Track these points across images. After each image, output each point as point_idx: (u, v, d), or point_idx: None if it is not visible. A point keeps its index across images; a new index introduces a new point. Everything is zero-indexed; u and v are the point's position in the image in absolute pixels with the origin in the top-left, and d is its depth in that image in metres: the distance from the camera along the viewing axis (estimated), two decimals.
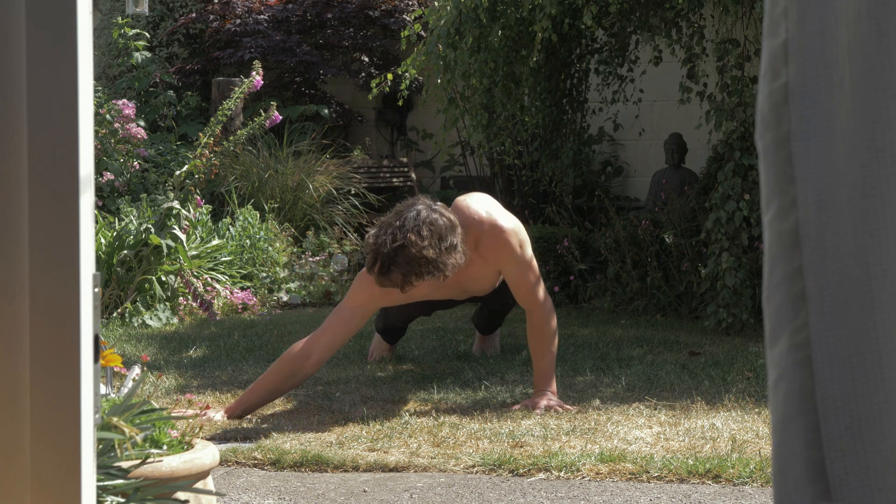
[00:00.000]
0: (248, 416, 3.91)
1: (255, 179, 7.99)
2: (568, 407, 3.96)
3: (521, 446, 3.46)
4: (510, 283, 4.10)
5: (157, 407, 2.41)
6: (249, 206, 7.38)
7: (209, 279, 6.53)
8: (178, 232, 6.21)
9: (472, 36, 6.39)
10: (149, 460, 2.20)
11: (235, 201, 7.72)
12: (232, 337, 5.52)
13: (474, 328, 5.14)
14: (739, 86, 5.71)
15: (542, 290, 4.10)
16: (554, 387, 4.05)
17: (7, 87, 1.20)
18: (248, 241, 7.09)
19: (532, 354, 4.11)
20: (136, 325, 5.94)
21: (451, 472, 3.25)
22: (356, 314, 4.00)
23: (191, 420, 2.45)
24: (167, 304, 6.16)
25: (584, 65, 7.39)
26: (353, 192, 8.42)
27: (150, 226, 6.25)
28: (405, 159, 9.65)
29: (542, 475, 3.20)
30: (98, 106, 7.95)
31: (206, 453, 2.37)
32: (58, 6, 1.19)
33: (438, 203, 3.91)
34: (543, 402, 3.95)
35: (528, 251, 4.10)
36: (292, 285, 7.06)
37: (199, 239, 6.82)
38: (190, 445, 2.39)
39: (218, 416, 3.88)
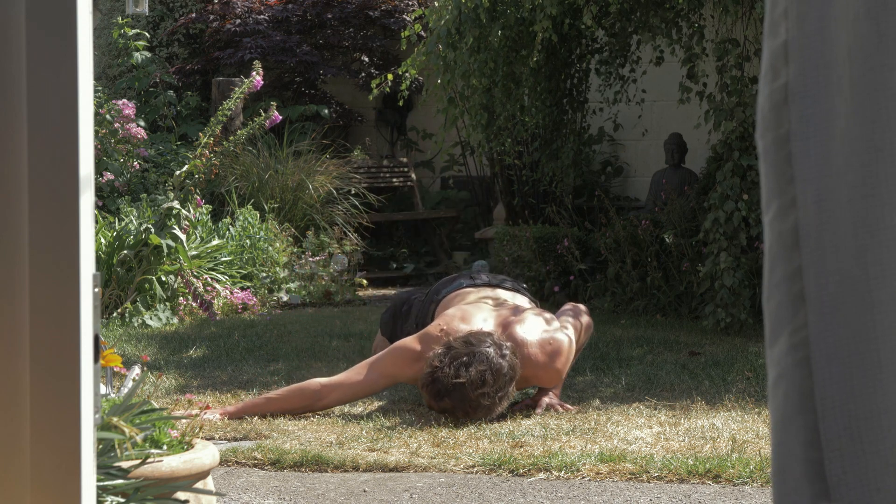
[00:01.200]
0: (248, 417, 3.91)
1: (255, 179, 7.99)
2: (569, 407, 3.96)
3: (521, 446, 3.46)
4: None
5: (157, 407, 2.41)
6: (249, 206, 7.39)
7: (209, 279, 6.53)
8: (178, 232, 6.21)
9: (472, 36, 6.39)
10: (149, 460, 2.21)
11: (235, 201, 7.73)
12: (232, 337, 5.52)
13: None
14: (739, 86, 5.71)
15: (572, 331, 4.09)
16: (558, 389, 4.06)
17: (7, 87, 1.20)
18: (248, 241, 7.09)
19: None
20: (136, 325, 5.94)
21: (451, 472, 3.25)
22: (382, 381, 4.01)
23: (190, 420, 2.45)
24: (167, 304, 6.16)
25: (584, 65, 7.40)
26: (353, 192, 8.42)
27: (150, 226, 6.25)
28: (405, 159, 9.65)
29: (542, 475, 3.20)
30: (98, 106, 7.95)
31: (206, 453, 2.37)
32: (58, 6, 1.19)
33: (507, 344, 3.86)
34: (545, 400, 3.95)
35: (566, 369, 4.05)
36: (292, 285, 7.06)
37: (199, 239, 6.82)
38: (190, 445, 2.39)
39: (214, 416, 3.87)
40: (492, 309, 4.12)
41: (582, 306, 4.37)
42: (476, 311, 4.07)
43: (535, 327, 4.01)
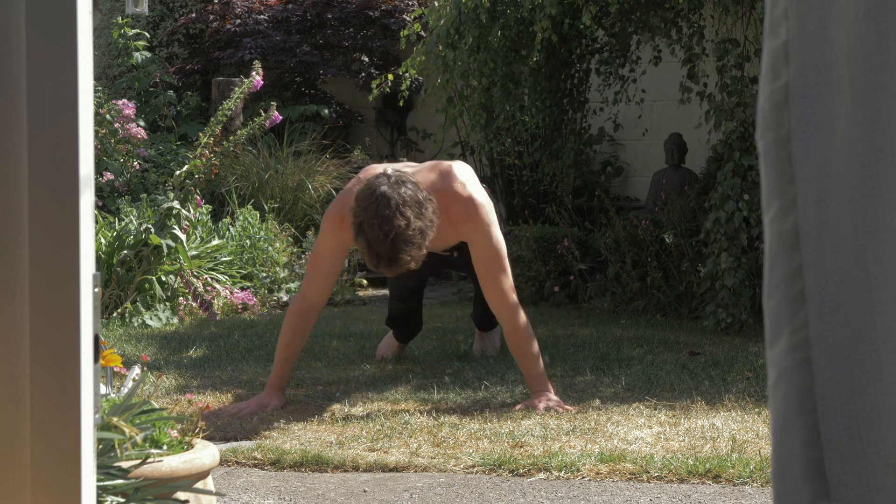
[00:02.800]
0: (248, 416, 3.92)
1: (255, 179, 7.99)
2: (568, 407, 3.96)
3: (521, 446, 3.46)
4: (475, 261, 4.11)
5: (157, 407, 2.41)
6: (249, 206, 7.38)
7: (209, 279, 6.53)
8: (178, 232, 6.21)
9: (471, 36, 6.39)
10: (149, 460, 2.21)
11: (235, 201, 7.73)
12: (232, 337, 5.52)
13: (474, 327, 5.14)
14: (739, 86, 5.71)
15: (508, 284, 4.10)
16: (549, 386, 4.05)
17: (7, 87, 1.20)
18: (248, 241, 7.09)
19: (516, 359, 4.12)
20: (136, 325, 5.94)
21: (451, 472, 3.25)
22: (335, 258, 4.14)
23: (191, 419, 2.45)
24: (167, 304, 6.16)
25: (584, 65, 7.40)
26: None
27: (150, 226, 6.25)
28: (405, 159, 9.65)
29: (542, 475, 3.20)
30: (98, 106, 7.95)
31: (206, 453, 2.37)
32: (58, 6, 1.19)
33: (389, 168, 3.95)
34: (542, 405, 3.94)
35: (497, 232, 4.12)
36: (292, 285, 7.06)
37: (199, 239, 6.82)
38: (190, 445, 2.39)
39: (275, 402, 4.04)
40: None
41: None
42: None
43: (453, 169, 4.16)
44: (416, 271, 4.54)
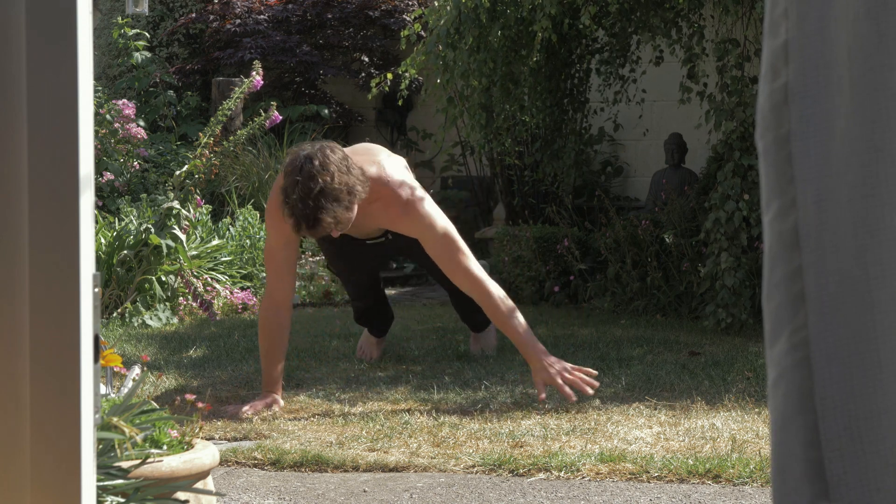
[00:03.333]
0: (248, 416, 3.92)
1: (256, 179, 7.99)
2: (573, 367, 3.96)
3: (521, 446, 3.46)
4: (429, 251, 4.13)
5: (157, 407, 2.41)
6: (249, 206, 7.38)
7: (209, 279, 6.53)
8: (178, 232, 6.21)
9: (471, 36, 6.39)
10: (149, 460, 2.21)
11: (235, 201, 7.73)
12: (232, 337, 5.52)
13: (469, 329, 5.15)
14: (739, 86, 5.71)
15: (469, 260, 4.10)
16: (542, 347, 4.02)
17: (7, 87, 1.20)
18: (248, 241, 7.09)
19: (501, 329, 4.11)
20: (136, 325, 5.94)
21: (451, 472, 3.25)
22: (286, 250, 4.15)
23: (191, 419, 2.45)
24: (167, 304, 6.16)
25: (584, 65, 7.40)
26: None
27: (150, 226, 6.25)
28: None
29: (542, 475, 3.20)
30: (98, 106, 7.95)
31: (206, 453, 2.37)
32: (58, 6, 1.19)
33: (317, 144, 3.97)
34: (555, 375, 3.91)
35: (438, 216, 4.13)
36: None
37: (199, 239, 6.82)
38: (190, 445, 2.39)
39: (279, 405, 4.06)
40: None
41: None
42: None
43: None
44: (358, 263, 4.56)
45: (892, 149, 1.03)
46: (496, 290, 4.08)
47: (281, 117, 6.70)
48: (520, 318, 4.07)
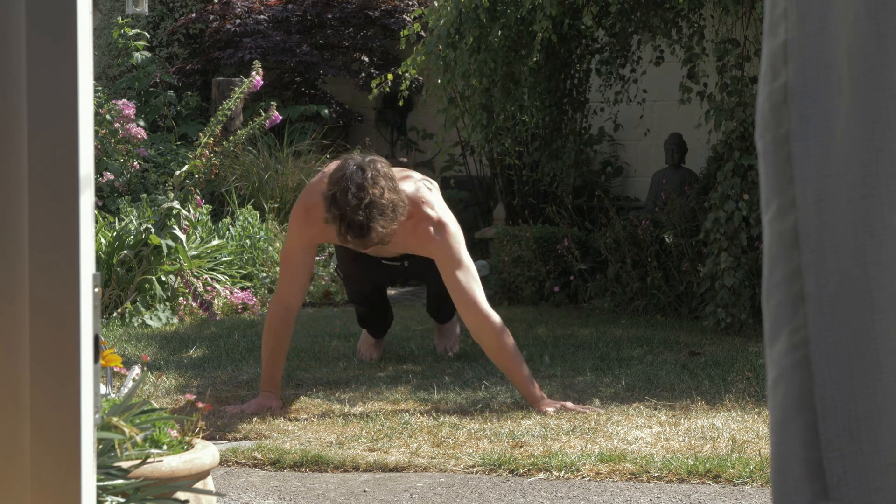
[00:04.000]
0: (248, 417, 3.92)
1: (255, 179, 7.99)
2: (573, 406, 3.94)
3: (521, 446, 3.46)
4: (446, 278, 4.08)
5: (157, 407, 2.41)
6: (249, 206, 7.39)
7: (209, 279, 6.53)
8: (178, 232, 6.21)
9: (471, 36, 6.39)
10: (149, 460, 2.21)
11: (235, 201, 7.73)
12: (232, 337, 5.52)
13: (434, 323, 5.16)
14: (739, 86, 5.71)
15: (481, 295, 4.04)
16: (542, 395, 4.00)
17: (7, 87, 1.20)
18: (248, 241, 7.09)
19: (507, 371, 4.03)
20: (136, 325, 5.94)
21: (451, 472, 3.25)
22: (306, 255, 4.15)
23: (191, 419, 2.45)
24: (167, 304, 6.17)
25: (584, 65, 7.40)
26: None
27: (150, 226, 6.25)
28: (405, 159, 9.65)
29: (542, 475, 3.20)
30: (98, 106, 7.95)
31: (206, 453, 2.37)
32: (58, 6, 1.19)
33: (367, 157, 3.97)
34: (552, 408, 3.91)
35: (464, 250, 4.10)
36: None
37: (199, 239, 6.82)
38: (190, 445, 2.39)
39: (274, 403, 4.05)
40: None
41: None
42: None
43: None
44: (369, 275, 4.57)
45: (891, 149, 1.03)
46: (503, 328, 4.03)
47: (281, 117, 6.70)
48: (522, 360, 4.04)
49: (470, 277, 4.04)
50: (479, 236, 8.08)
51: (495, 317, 4.02)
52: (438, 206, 4.14)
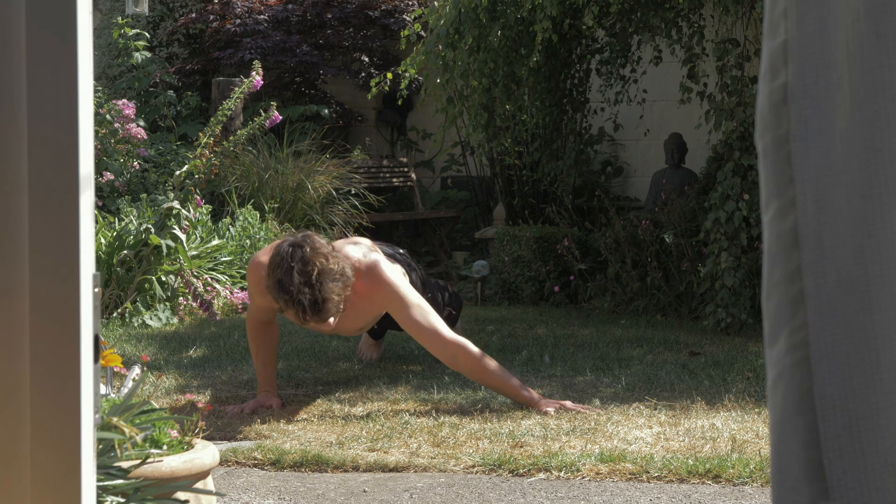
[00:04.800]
0: (248, 416, 3.92)
1: (255, 180, 7.99)
2: (571, 405, 3.94)
3: (521, 446, 3.46)
4: (402, 323, 4.02)
5: (157, 407, 2.41)
6: (249, 207, 7.39)
7: (209, 279, 6.53)
8: (178, 232, 6.21)
9: (471, 36, 6.39)
10: (149, 460, 2.21)
11: (235, 201, 7.73)
12: (232, 337, 5.52)
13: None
14: (739, 86, 5.71)
15: (442, 325, 3.97)
16: (537, 396, 3.99)
17: (7, 87, 1.20)
18: (248, 241, 7.09)
19: (496, 387, 4.00)
20: (136, 325, 5.94)
21: (451, 472, 3.25)
22: (254, 306, 4.14)
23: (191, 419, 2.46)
24: (167, 304, 6.17)
25: (584, 65, 7.40)
26: (353, 192, 8.42)
27: (150, 226, 6.25)
28: (405, 159, 9.65)
29: (542, 475, 3.20)
30: (98, 106, 7.95)
31: (206, 453, 2.37)
32: (58, 6, 1.20)
33: (298, 234, 3.93)
34: (551, 408, 3.91)
35: (409, 290, 4.03)
36: None
37: (199, 239, 6.82)
38: (190, 445, 2.39)
39: (274, 402, 4.06)
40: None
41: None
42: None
43: (358, 246, 4.12)
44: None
45: (891, 149, 1.03)
46: (477, 350, 3.98)
47: (281, 117, 6.70)
48: (506, 372, 4.01)
49: (425, 313, 3.97)
50: (479, 236, 8.08)
51: (464, 341, 3.98)
52: (365, 259, 4.05)
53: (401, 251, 4.69)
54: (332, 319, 3.84)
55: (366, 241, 4.30)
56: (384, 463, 3.31)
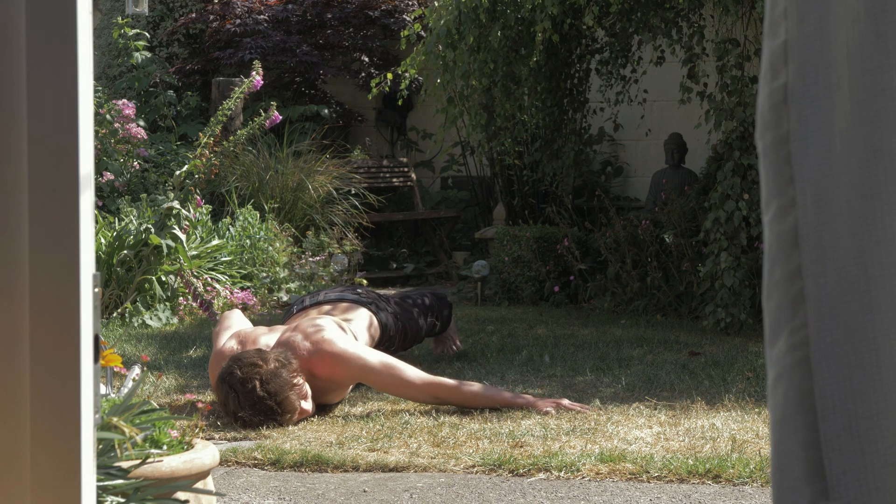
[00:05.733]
0: None
1: (256, 179, 7.99)
2: (569, 403, 3.94)
3: (521, 446, 3.46)
4: (373, 385, 4.05)
5: (157, 407, 2.41)
6: (249, 207, 7.38)
7: (209, 279, 6.53)
8: (178, 232, 6.22)
9: (471, 36, 6.40)
10: (149, 460, 2.21)
11: (235, 201, 7.73)
12: None
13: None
14: (739, 85, 5.71)
15: (414, 376, 3.98)
16: (531, 398, 3.99)
17: (7, 87, 1.20)
18: (248, 241, 7.09)
19: (488, 403, 3.99)
20: (136, 325, 5.94)
21: (451, 472, 3.25)
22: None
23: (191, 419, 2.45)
24: (167, 304, 6.17)
25: (584, 65, 7.40)
26: (352, 192, 8.42)
27: (150, 226, 6.25)
28: (405, 159, 9.65)
29: (542, 475, 3.20)
30: (98, 106, 7.95)
31: (206, 453, 2.37)
32: (58, 6, 1.20)
33: (262, 351, 3.92)
34: (550, 407, 3.91)
35: (369, 355, 4.03)
36: (292, 285, 7.06)
37: (199, 239, 6.82)
38: (190, 445, 2.39)
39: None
40: (285, 329, 4.17)
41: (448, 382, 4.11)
42: (266, 333, 4.15)
43: (304, 328, 4.08)
44: None
45: (891, 149, 1.03)
46: (453, 382, 4.01)
47: (281, 117, 6.70)
48: (493, 389, 4.04)
49: (391, 369, 3.98)
50: (479, 236, 8.08)
51: (437, 379, 4.00)
52: (309, 341, 4.03)
53: (360, 290, 4.68)
54: (305, 405, 3.86)
55: (311, 313, 4.34)
56: (384, 463, 3.31)
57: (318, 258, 7.34)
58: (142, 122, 8.65)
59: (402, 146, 10.06)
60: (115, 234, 6.36)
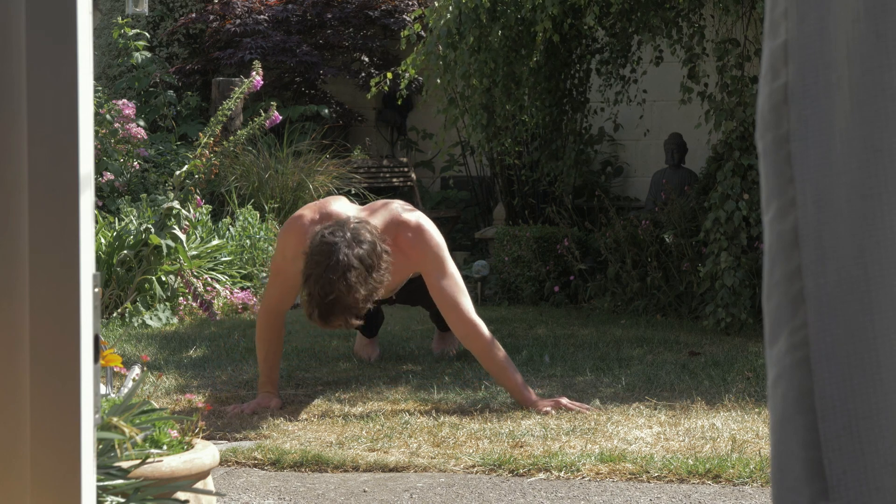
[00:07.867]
0: (248, 416, 3.92)
1: (255, 179, 7.99)
2: (568, 402, 3.94)
3: (521, 446, 3.46)
4: (431, 287, 4.07)
5: (157, 407, 2.41)
6: (249, 206, 7.39)
7: (209, 279, 6.53)
8: (178, 232, 6.21)
9: (472, 36, 6.39)
10: (149, 460, 2.21)
11: (235, 201, 7.73)
12: (232, 337, 5.52)
13: (434, 328, 5.16)
14: (739, 85, 5.71)
15: (469, 306, 4.03)
16: (535, 398, 4.00)
17: (7, 87, 1.20)
18: (248, 241, 7.09)
19: (498, 378, 4.02)
20: (136, 325, 5.94)
21: (451, 472, 3.25)
22: (295, 264, 4.06)
23: (191, 419, 2.45)
24: (167, 304, 6.17)
25: (584, 65, 7.40)
26: (353, 192, 8.42)
27: (150, 226, 6.25)
28: (405, 159, 9.65)
29: (542, 475, 3.20)
30: (98, 106, 7.95)
31: (206, 453, 2.37)
32: (58, 6, 1.20)
33: (357, 215, 3.93)
34: (548, 406, 3.92)
35: (447, 256, 4.09)
36: None
37: (199, 239, 6.82)
38: (190, 445, 2.39)
39: (274, 402, 4.06)
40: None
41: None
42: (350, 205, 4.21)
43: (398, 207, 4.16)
44: None
45: (891, 149, 1.03)
46: (492, 338, 4.03)
47: (281, 117, 6.70)
48: (513, 368, 4.04)
49: (454, 286, 4.04)
50: (479, 236, 8.08)
51: (483, 326, 4.04)
52: (415, 216, 4.13)
53: None
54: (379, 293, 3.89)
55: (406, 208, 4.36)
56: (384, 463, 3.31)
57: None
58: (142, 122, 8.65)
59: (402, 146, 10.06)
60: (115, 234, 6.36)
